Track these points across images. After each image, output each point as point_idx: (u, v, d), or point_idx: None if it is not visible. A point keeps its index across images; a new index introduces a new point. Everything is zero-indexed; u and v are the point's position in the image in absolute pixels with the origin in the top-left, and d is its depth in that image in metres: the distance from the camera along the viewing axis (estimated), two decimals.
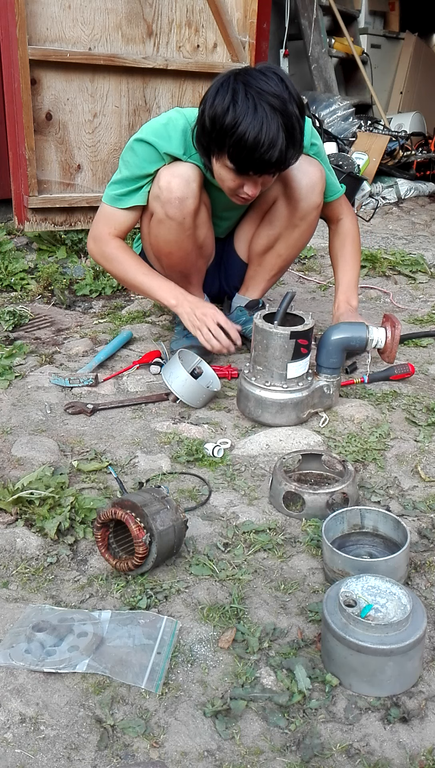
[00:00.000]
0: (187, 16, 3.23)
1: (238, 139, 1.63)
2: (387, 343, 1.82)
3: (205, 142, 1.76)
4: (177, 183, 1.86)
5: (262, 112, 1.61)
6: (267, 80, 1.64)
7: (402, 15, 7.39)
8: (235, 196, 1.85)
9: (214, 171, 1.82)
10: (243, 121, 1.61)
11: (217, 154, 1.75)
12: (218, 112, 1.65)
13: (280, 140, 1.64)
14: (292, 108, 1.65)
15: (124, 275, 1.98)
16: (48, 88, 2.97)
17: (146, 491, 1.34)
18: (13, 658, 1.11)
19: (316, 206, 2.02)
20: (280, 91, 1.64)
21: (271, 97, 1.62)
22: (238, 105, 1.62)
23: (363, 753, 1.00)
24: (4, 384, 2.00)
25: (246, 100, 1.62)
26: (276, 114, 1.62)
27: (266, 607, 1.25)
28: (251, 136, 1.62)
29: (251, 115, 1.61)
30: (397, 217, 4.53)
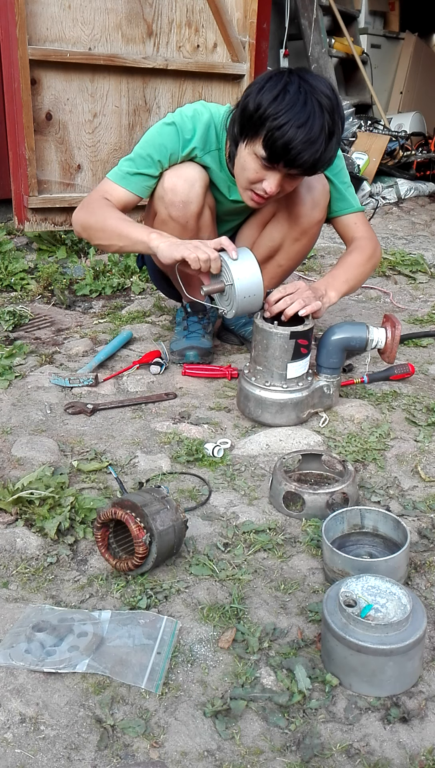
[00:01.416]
0: (187, 16, 3.23)
1: (280, 126, 1.61)
2: (387, 344, 1.82)
3: (241, 125, 1.72)
4: (181, 185, 1.86)
5: (310, 108, 1.60)
6: (320, 81, 1.65)
7: (402, 15, 7.39)
8: (249, 192, 1.81)
9: (239, 159, 1.77)
10: (290, 110, 1.60)
11: (251, 140, 1.70)
12: (266, 97, 1.63)
13: (320, 140, 1.63)
14: (337, 116, 1.66)
15: (103, 226, 1.85)
16: (48, 88, 2.97)
17: (146, 491, 1.34)
18: (13, 658, 1.11)
19: (317, 222, 2.00)
20: (331, 95, 1.64)
21: (323, 96, 1.62)
22: (289, 95, 1.61)
23: (363, 753, 1.00)
24: (4, 384, 2.00)
25: (298, 93, 1.61)
26: (323, 113, 1.62)
27: (266, 607, 1.25)
28: (294, 126, 1.60)
29: (300, 106, 1.60)
30: (397, 217, 4.53)
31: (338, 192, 2.02)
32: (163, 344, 2.29)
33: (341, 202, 2.03)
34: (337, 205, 2.03)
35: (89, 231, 1.90)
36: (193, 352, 2.13)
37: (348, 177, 2.06)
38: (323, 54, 5.93)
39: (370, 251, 2.02)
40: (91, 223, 1.89)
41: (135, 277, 2.92)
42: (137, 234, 1.80)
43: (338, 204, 2.03)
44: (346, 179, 2.04)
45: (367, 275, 2.05)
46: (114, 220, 1.85)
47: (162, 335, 2.40)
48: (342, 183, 2.02)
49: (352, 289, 2.01)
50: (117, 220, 1.85)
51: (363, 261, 2.01)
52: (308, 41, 5.86)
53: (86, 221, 1.89)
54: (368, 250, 2.02)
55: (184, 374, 2.10)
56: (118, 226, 1.83)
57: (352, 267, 2.00)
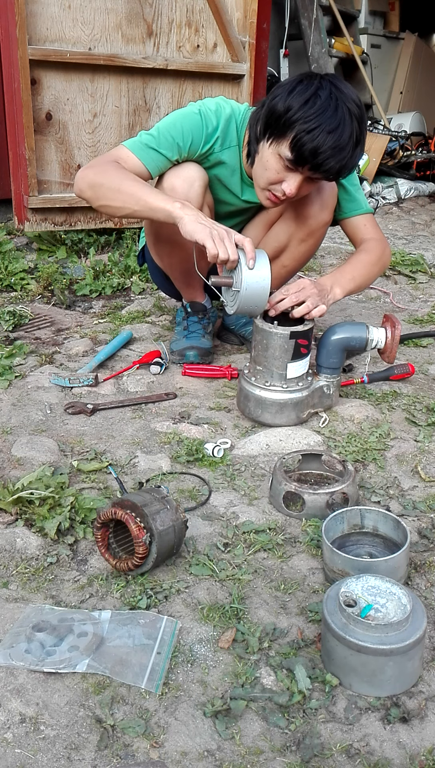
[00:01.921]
0: (187, 16, 3.23)
1: (310, 129, 1.62)
2: (387, 344, 1.82)
3: (266, 125, 1.71)
4: (180, 184, 1.86)
5: (341, 114, 1.62)
6: (349, 90, 1.66)
7: (402, 15, 7.39)
8: (266, 192, 1.81)
9: (261, 159, 1.76)
10: (322, 115, 1.61)
11: (277, 141, 1.70)
12: (297, 100, 1.63)
13: (348, 147, 1.64)
14: (364, 125, 1.68)
15: (119, 186, 1.75)
16: (48, 88, 2.97)
17: (146, 491, 1.34)
18: (13, 658, 1.11)
19: (324, 223, 2.00)
20: (359, 103, 1.66)
21: (353, 104, 1.64)
22: (321, 99, 1.62)
23: (363, 753, 1.00)
24: (4, 384, 2.00)
25: (329, 99, 1.62)
26: (353, 121, 1.63)
27: (266, 607, 1.25)
28: (325, 131, 1.61)
29: (331, 112, 1.61)
30: (397, 217, 4.53)
31: (348, 194, 2.01)
32: (163, 344, 2.29)
33: (351, 203, 2.03)
34: (346, 207, 2.03)
35: (98, 190, 1.78)
36: (193, 351, 2.13)
37: (357, 179, 2.06)
38: (323, 54, 5.93)
39: (379, 252, 2.01)
40: (102, 182, 1.77)
41: (135, 277, 2.92)
42: (159, 200, 1.71)
43: (348, 205, 2.03)
44: (355, 181, 2.04)
45: (374, 276, 2.04)
46: (131, 182, 1.75)
47: (162, 335, 2.39)
48: (352, 185, 2.02)
49: (358, 287, 1.99)
50: (135, 182, 1.76)
51: (372, 261, 2.00)
52: (308, 41, 5.86)
53: (96, 180, 1.78)
54: (377, 251, 2.01)
55: (184, 374, 2.10)
56: (136, 189, 1.74)
57: (360, 266, 1.99)
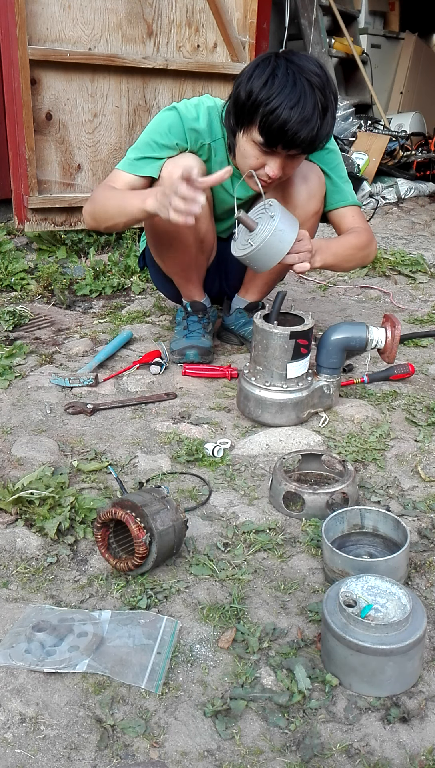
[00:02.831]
0: (187, 16, 3.23)
1: (273, 109, 1.63)
2: (387, 344, 1.82)
3: (236, 115, 1.75)
4: (178, 173, 1.86)
5: (300, 88, 1.62)
6: (308, 61, 1.66)
7: (402, 15, 7.39)
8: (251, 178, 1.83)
9: (239, 148, 1.80)
10: (281, 93, 1.62)
11: (247, 128, 1.73)
12: (256, 84, 1.65)
13: (315, 118, 1.64)
14: (328, 92, 1.67)
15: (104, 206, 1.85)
16: (48, 88, 2.97)
17: (146, 491, 1.34)
18: (13, 658, 1.11)
19: (314, 213, 2.00)
20: (320, 72, 1.66)
21: (311, 75, 1.64)
22: (278, 78, 1.63)
23: (363, 753, 1.00)
24: (4, 384, 2.00)
25: (286, 75, 1.63)
26: (314, 91, 1.63)
27: (266, 607, 1.25)
28: (287, 107, 1.62)
29: (290, 87, 1.62)
30: (397, 217, 4.53)
31: (335, 185, 2.03)
32: (163, 344, 2.29)
33: (337, 194, 2.04)
34: (332, 198, 2.04)
35: (95, 217, 1.90)
36: (193, 351, 2.13)
37: (345, 172, 2.07)
38: (323, 54, 5.93)
39: (366, 240, 2.03)
40: (94, 208, 1.89)
41: (135, 277, 2.92)
42: (134, 204, 1.75)
43: (334, 197, 2.04)
44: (343, 174, 2.05)
45: (355, 262, 2.04)
46: (113, 199, 1.85)
47: (162, 335, 2.39)
48: (339, 177, 2.03)
49: (335, 266, 1.99)
50: (115, 196, 1.85)
51: (358, 246, 2.00)
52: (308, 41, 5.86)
53: (91, 209, 1.90)
54: (365, 239, 2.02)
55: (184, 374, 2.10)
56: (116, 201, 1.83)
57: (347, 246, 1.98)
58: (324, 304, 2.80)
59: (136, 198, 1.78)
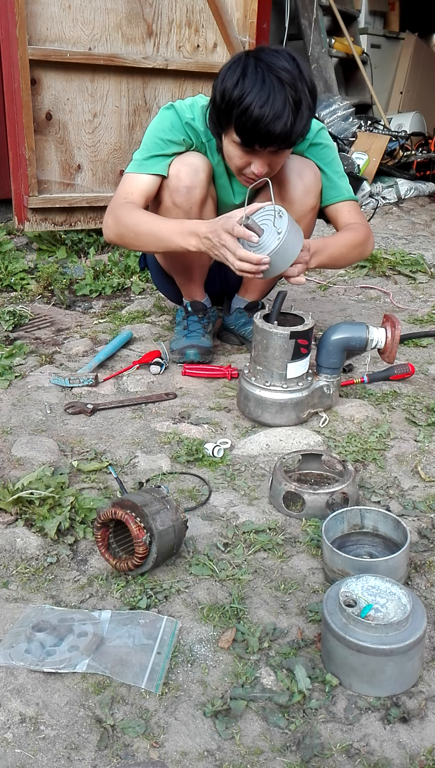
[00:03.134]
0: (187, 16, 3.23)
1: (244, 109, 1.65)
2: (387, 344, 1.82)
3: (215, 118, 1.77)
4: (186, 172, 1.87)
5: (269, 85, 1.63)
6: (278, 57, 1.67)
7: (402, 15, 7.39)
8: (242, 177, 1.84)
9: (224, 150, 1.83)
10: (250, 93, 1.63)
11: (226, 129, 1.76)
12: (228, 85, 1.68)
13: (287, 113, 1.64)
14: (301, 85, 1.66)
15: (136, 232, 1.83)
16: (48, 88, 2.97)
17: (146, 491, 1.34)
18: (13, 658, 1.11)
19: (311, 209, 2.00)
20: (290, 67, 1.66)
21: (280, 71, 1.64)
22: (247, 78, 1.64)
23: (363, 753, 1.00)
24: (4, 384, 2.00)
25: (255, 73, 1.64)
26: (284, 87, 1.63)
27: (266, 607, 1.25)
28: (256, 106, 1.63)
29: (259, 86, 1.63)
30: (397, 217, 4.53)
31: (330, 180, 2.02)
32: (163, 344, 2.29)
33: (332, 190, 2.04)
34: (328, 194, 2.03)
35: (124, 239, 1.89)
36: (193, 350, 2.13)
37: (341, 167, 2.07)
38: (323, 54, 5.93)
39: (363, 237, 2.01)
40: (123, 232, 1.87)
41: (135, 277, 2.92)
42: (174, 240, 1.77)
43: (329, 192, 2.03)
44: (338, 169, 2.05)
45: (352, 260, 2.04)
46: (144, 225, 1.82)
47: (162, 335, 2.39)
48: (334, 172, 2.03)
49: (331, 265, 1.99)
50: (147, 224, 1.82)
51: (356, 243, 1.98)
52: (308, 41, 5.86)
53: (118, 227, 1.87)
54: (362, 235, 2.01)
55: (184, 374, 2.10)
56: (149, 229, 1.81)
57: (343, 245, 1.97)
58: (324, 304, 2.80)
59: (174, 234, 1.76)
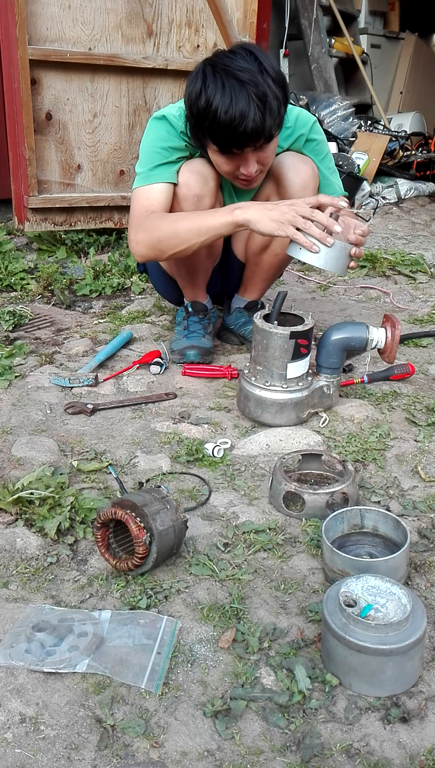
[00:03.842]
0: (187, 16, 3.23)
1: (212, 118, 1.66)
2: (387, 344, 1.82)
3: (193, 133, 1.79)
4: (195, 180, 1.87)
5: (229, 88, 1.63)
6: (234, 57, 1.66)
7: (402, 15, 7.39)
8: (237, 181, 1.85)
9: (211, 159, 1.83)
10: (213, 101, 1.64)
11: (204, 140, 1.77)
12: (193, 98, 1.69)
13: (253, 111, 1.64)
14: (262, 78, 1.65)
15: (174, 228, 1.77)
16: (48, 88, 2.97)
17: (146, 491, 1.34)
18: (13, 658, 1.11)
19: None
20: (248, 64, 1.65)
21: (238, 72, 1.64)
22: (208, 87, 1.65)
23: (363, 753, 1.00)
24: (4, 384, 2.00)
25: (214, 81, 1.64)
26: (244, 86, 1.63)
27: (266, 607, 1.25)
28: (222, 112, 1.64)
29: (220, 92, 1.63)
30: (397, 217, 4.53)
31: (324, 178, 2.03)
32: (163, 344, 2.29)
33: (327, 187, 2.05)
34: (324, 191, 2.04)
35: (160, 245, 1.81)
36: (193, 351, 2.13)
37: (333, 163, 2.08)
38: (323, 54, 5.93)
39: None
40: (158, 236, 1.80)
41: (135, 277, 2.92)
42: (218, 219, 1.71)
43: (324, 189, 2.04)
44: (331, 164, 2.06)
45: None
46: (181, 221, 1.78)
47: (162, 335, 2.39)
48: (327, 168, 2.05)
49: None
50: (184, 219, 1.79)
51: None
52: (308, 41, 5.86)
53: (151, 239, 1.81)
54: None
55: (184, 374, 2.10)
56: (190, 223, 1.76)
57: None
58: (324, 304, 2.80)
59: (215, 213, 1.73)
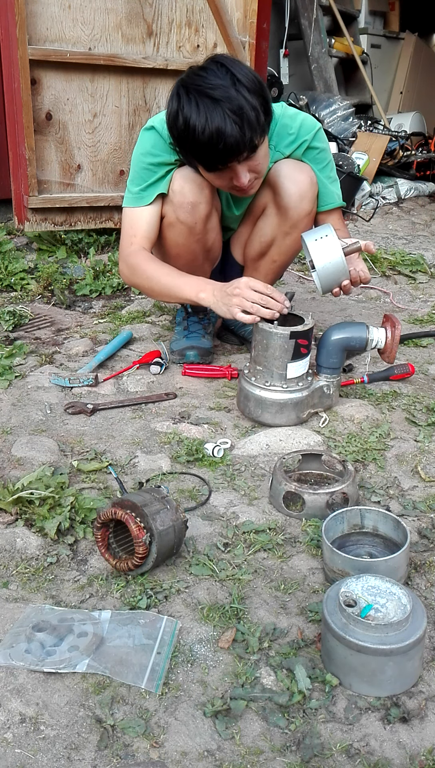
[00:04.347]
0: (187, 16, 3.23)
1: (192, 140, 1.66)
2: (387, 344, 1.82)
3: (182, 154, 1.79)
4: (190, 187, 1.86)
5: (203, 107, 1.62)
6: (206, 74, 1.65)
7: (402, 15, 7.39)
8: (233, 191, 1.84)
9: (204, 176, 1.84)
10: (190, 122, 1.64)
11: (190, 159, 1.78)
12: (171, 121, 1.69)
13: (229, 126, 1.62)
14: (236, 91, 1.63)
15: (150, 283, 1.91)
16: (48, 88, 2.97)
17: (146, 491, 1.34)
18: (13, 658, 1.11)
19: (307, 214, 1.97)
20: (220, 80, 1.63)
21: (210, 90, 1.63)
22: (183, 109, 1.65)
23: (363, 753, 1.00)
24: (4, 384, 2.00)
25: (188, 102, 1.64)
26: (217, 104, 1.62)
27: (266, 607, 1.25)
28: (199, 133, 1.63)
29: (195, 112, 1.63)
30: (397, 217, 4.53)
31: (324, 187, 2.01)
32: (163, 344, 2.29)
33: (326, 197, 2.03)
34: (321, 200, 2.02)
35: (140, 287, 1.99)
36: (193, 352, 2.13)
37: (334, 170, 2.05)
38: (323, 54, 5.93)
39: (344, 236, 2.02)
40: (138, 283, 1.95)
41: None
42: (187, 293, 1.84)
43: (322, 199, 2.02)
44: (332, 173, 2.03)
45: None
46: (156, 279, 1.89)
47: (162, 335, 2.39)
48: (328, 177, 2.02)
49: None
50: (160, 279, 1.88)
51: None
52: (308, 41, 5.86)
53: (132, 279, 1.96)
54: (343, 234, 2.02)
55: (184, 374, 2.10)
56: (163, 285, 1.88)
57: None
58: (324, 304, 2.80)
59: (186, 286, 1.84)
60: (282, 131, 1.93)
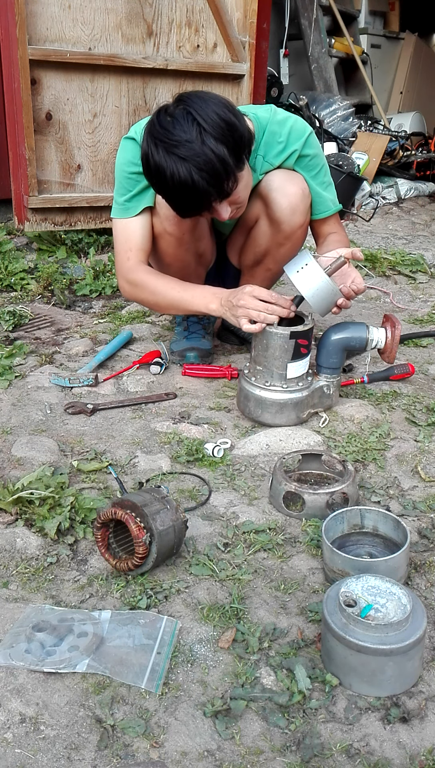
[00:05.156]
0: (187, 16, 3.23)
1: (166, 193, 1.65)
2: (387, 344, 1.82)
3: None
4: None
5: (171, 166, 1.58)
6: (173, 127, 1.58)
7: (402, 15, 7.39)
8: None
9: None
10: (158, 179, 1.62)
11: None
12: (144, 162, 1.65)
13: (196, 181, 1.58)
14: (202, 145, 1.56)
15: (155, 298, 1.91)
16: (48, 88, 2.97)
17: (146, 491, 1.34)
18: (13, 658, 1.11)
19: (299, 226, 1.94)
20: (185, 133, 1.57)
21: (175, 147, 1.57)
22: (152, 167, 1.61)
23: (363, 753, 1.00)
24: (4, 384, 2.00)
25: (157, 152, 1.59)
26: (184, 162, 1.57)
27: (266, 607, 1.25)
28: (169, 189, 1.62)
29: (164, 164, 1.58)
30: (397, 217, 4.53)
31: (317, 195, 1.96)
32: (163, 344, 2.29)
33: (320, 205, 1.98)
34: (314, 209, 1.98)
35: (144, 303, 2.00)
36: (193, 353, 2.13)
37: (328, 176, 2.00)
38: (323, 54, 5.93)
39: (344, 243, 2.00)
40: (143, 297, 1.95)
41: None
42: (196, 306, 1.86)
43: (316, 207, 1.98)
44: (326, 178, 1.99)
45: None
46: (162, 295, 1.89)
47: (162, 335, 2.40)
48: (321, 184, 1.97)
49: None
50: (168, 291, 1.88)
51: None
52: (308, 41, 5.86)
53: (136, 296, 1.96)
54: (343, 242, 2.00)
55: (184, 374, 2.10)
56: (169, 300, 1.89)
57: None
58: None
59: (194, 300, 1.86)
60: (270, 140, 1.87)
